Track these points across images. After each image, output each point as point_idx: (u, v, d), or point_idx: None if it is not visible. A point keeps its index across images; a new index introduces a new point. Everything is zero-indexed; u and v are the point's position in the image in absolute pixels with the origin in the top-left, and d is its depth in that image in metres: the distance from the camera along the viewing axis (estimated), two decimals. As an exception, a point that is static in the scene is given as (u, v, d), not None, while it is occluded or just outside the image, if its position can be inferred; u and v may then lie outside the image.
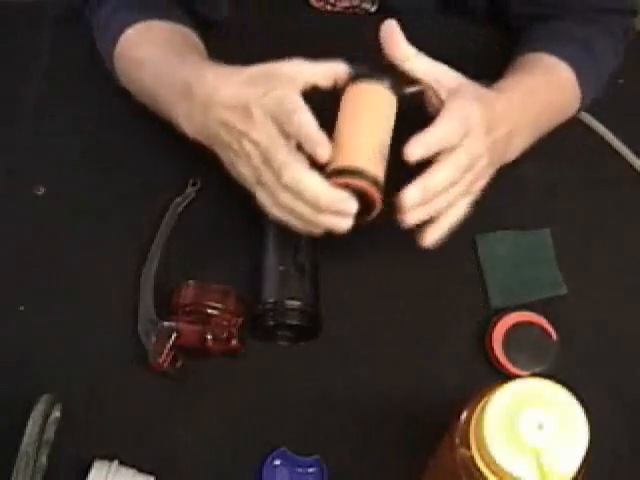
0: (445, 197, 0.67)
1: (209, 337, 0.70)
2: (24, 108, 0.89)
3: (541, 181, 0.84)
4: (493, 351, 0.75)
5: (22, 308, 0.77)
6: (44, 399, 0.67)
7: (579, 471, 0.50)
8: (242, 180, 0.70)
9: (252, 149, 0.67)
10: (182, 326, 0.71)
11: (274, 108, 0.65)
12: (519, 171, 0.74)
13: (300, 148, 0.66)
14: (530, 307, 0.77)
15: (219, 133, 0.69)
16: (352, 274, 0.79)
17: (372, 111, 0.70)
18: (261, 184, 0.68)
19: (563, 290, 0.79)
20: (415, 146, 0.64)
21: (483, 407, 0.52)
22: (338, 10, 0.95)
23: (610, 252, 0.83)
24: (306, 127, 0.64)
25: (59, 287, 0.78)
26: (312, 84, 0.68)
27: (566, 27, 0.86)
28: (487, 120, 0.69)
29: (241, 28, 0.91)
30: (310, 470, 0.70)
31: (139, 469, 0.68)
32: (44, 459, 0.68)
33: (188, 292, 0.73)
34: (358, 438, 0.72)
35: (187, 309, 0.73)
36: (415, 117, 0.67)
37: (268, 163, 0.66)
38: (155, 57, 0.78)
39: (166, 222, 0.80)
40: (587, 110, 0.89)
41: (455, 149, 0.66)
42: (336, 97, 0.70)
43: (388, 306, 0.78)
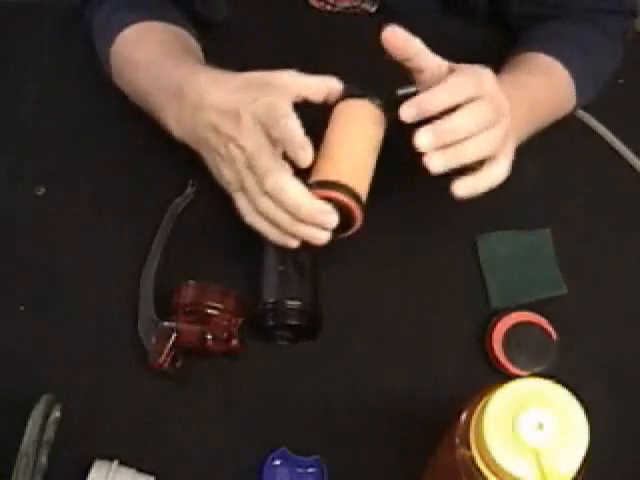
0: (466, 148, 0.64)
1: (209, 337, 0.70)
2: (24, 108, 0.89)
3: (541, 181, 0.84)
4: (493, 351, 0.75)
5: (22, 308, 0.77)
6: (44, 399, 0.67)
7: (579, 471, 0.50)
8: (224, 184, 0.70)
9: (238, 154, 0.66)
10: (182, 326, 0.71)
11: (263, 114, 0.65)
12: (519, 171, 0.73)
13: (286, 157, 0.66)
14: (530, 307, 0.77)
15: (207, 136, 0.68)
16: (352, 274, 0.80)
17: (361, 128, 0.70)
18: (243, 189, 0.68)
19: (563, 290, 0.80)
20: (433, 93, 0.63)
21: (483, 407, 0.52)
22: (338, 10, 0.95)
23: (610, 252, 0.83)
24: (292, 131, 0.64)
25: (59, 287, 0.78)
26: (304, 97, 0.67)
27: (564, 28, 0.86)
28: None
29: (241, 28, 0.90)
30: (310, 470, 0.70)
31: (139, 469, 0.68)
32: (44, 459, 0.68)
33: (188, 292, 0.73)
34: (358, 438, 0.72)
35: (187, 309, 0.72)
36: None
37: (252, 169, 0.66)
38: (150, 59, 0.78)
39: (166, 222, 0.80)
40: (587, 110, 0.89)
41: (475, 100, 0.64)
42: (326, 115, 0.70)
43: (388, 306, 0.79)
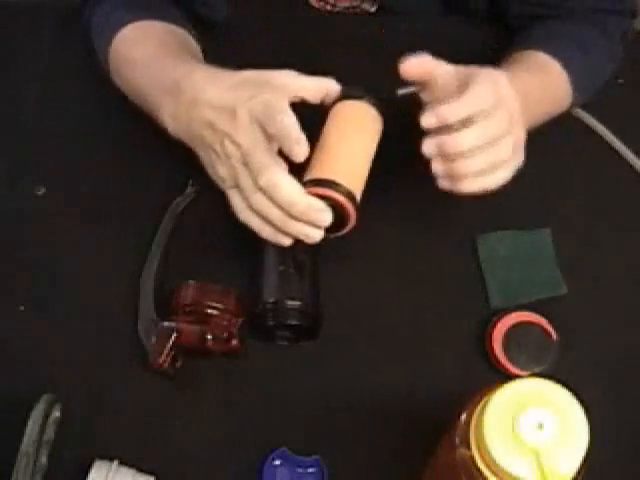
0: (472, 161, 0.66)
1: (209, 337, 0.70)
2: (24, 108, 0.89)
3: (541, 181, 0.84)
4: (493, 351, 0.75)
5: (22, 308, 0.77)
6: (44, 399, 0.67)
7: (579, 471, 0.50)
8: (219, 181, 0.70)
9: (233, 150, 0.66)
10: (182, 326, 0.71)
11: (260, 111, 0.65)
12: (519, 171, 0.73)
13: (281, 154, 0.66)
14: (530, 307, 0.77)
15: (202, 133, 0.68)
16: (352, 274, 0.79)
17: (357, 129, 0.70)
18: (237, 186, 0.68)
19: (563, 290, 0.80)
20: (455, 105, 0.64)
21: (483, 407, 0.52)
22: (338, 10, 0.95)
23: (610, 252, 0.83)
24: (288, 127, 0.64)
25: (59, 287, 0.78)
26: (301, 97, 0.68)
27: (564, 28, 0.86)
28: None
29: (241, 28, 0.90)
30: (310, 470, 0.70)
31: (139, 469, 0.68)
32: (44, 459, 0.68)
33: (188, 292, 0.73)
34: (358, 438, 0.72)
35: (187, 309, 0.73)
36: (407, 120, 0.67)
37: (247, 165, 0.66)
38: (148, 57, 0.78)
39: (166, 222, 0.80)
40: (587, 110, 0.89)
41: (491, 112, 0.66)
42: (323, 115, 0.70)
43: (388, 306, 0.78)
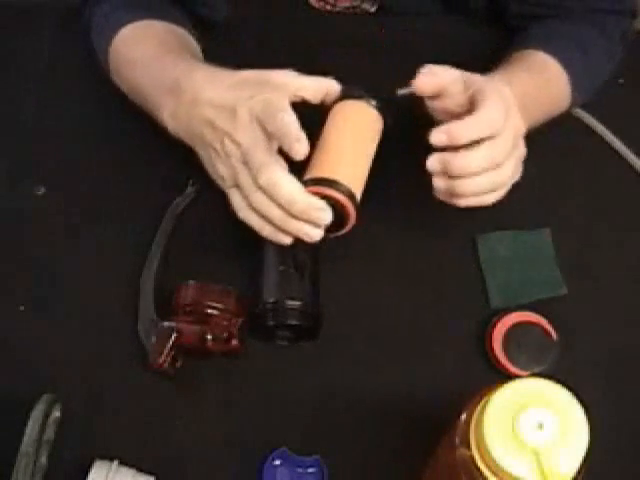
0: (473, 181, 0.68)
1: (209, 337, 0.70)
2: (24, 108, 0.89)
3: (541, 181, 0.84)
4: (493, 351, 0.75)
5: (22, 308, 0.77)
6: (44, 399, 0.67)
7: (579, 471, 0.50)
8: (219, 180, 0.70)
9: (233, 149, 0.66)
10: (182, 326, 0.71)
11: (260, 110, 0.65)
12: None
13: (282, 153, 0.66)
14: (530, 307, 0.77)
15: (202, 132, 0.68)
16: (352, 274, 0.79)
17: (357, 129, 0.70)
18: (237, 185, 0.68)
19: (563, 290, 0.79)
20: (466, 126, 0.64)
21: (483, 407, 0.52)
22: (338, 10, 0.95)
23: (610, 252, 0.83)
24: (288, 126, 0.64)
25: (59, 287, 0.78)
26: (301, 97, 0.68)
27: (563, 27, 0.86)
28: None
29: (241, 28, 0.90)
30: (310, 470, 0.70)
31: (139, 469, 0.68)
32: (44, 459, 0.68)
33: (188, 292, 0.73)
34: (358, 438, 0.72)
35: (187, 309, 0.72)
36: (406, 119, 0.67)
37: (247, 164, 0.66)
38: (148, 57, 0.78)
39: (166, 222, 0.80)
40: (587, 110, 0.89)
41: (498, 134, 0.66)
42: (323, 115, 0.70)
43: (388, 306, 0.78)
